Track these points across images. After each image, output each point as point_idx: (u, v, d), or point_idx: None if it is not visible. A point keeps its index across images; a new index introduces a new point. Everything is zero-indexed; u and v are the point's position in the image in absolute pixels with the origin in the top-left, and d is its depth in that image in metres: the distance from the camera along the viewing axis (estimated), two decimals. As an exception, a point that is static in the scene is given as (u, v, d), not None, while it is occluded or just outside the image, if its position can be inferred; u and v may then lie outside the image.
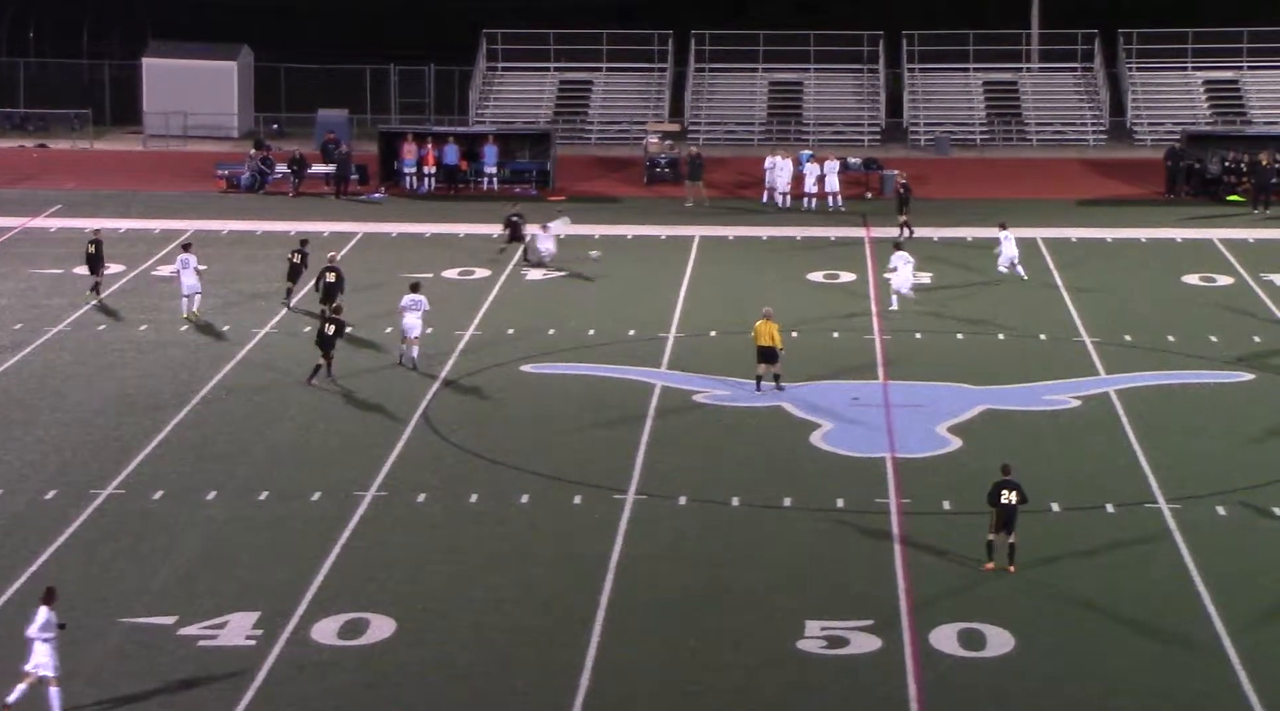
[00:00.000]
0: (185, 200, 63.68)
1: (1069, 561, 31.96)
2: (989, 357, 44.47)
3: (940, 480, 35.87)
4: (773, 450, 37.65)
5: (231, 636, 28.59)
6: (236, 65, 75.96)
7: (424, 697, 26.80)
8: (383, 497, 34.67)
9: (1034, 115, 76.18)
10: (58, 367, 43.18)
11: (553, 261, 52.74)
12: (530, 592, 30.39)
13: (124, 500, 34.55)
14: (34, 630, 25.97)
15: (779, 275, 52.48)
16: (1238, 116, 74.48)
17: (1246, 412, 40.19)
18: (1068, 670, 27.75)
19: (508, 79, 77.85)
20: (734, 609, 29.82)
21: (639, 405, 40.42)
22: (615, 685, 27.14)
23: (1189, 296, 50.71)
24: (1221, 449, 37.75)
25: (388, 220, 60.13)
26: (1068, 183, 67.41)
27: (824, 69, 77.56)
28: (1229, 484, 35.57)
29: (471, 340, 45.60)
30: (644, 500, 34.62)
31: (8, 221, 59.46)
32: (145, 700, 26.59)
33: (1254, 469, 36.39)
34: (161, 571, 31.15)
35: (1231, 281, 52.13)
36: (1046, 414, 40.21)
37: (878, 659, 28.02)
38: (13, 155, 72.72)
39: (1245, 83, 76.07)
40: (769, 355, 41.12)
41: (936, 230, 58.74)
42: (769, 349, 41.05)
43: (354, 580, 30.86)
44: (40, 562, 31.42)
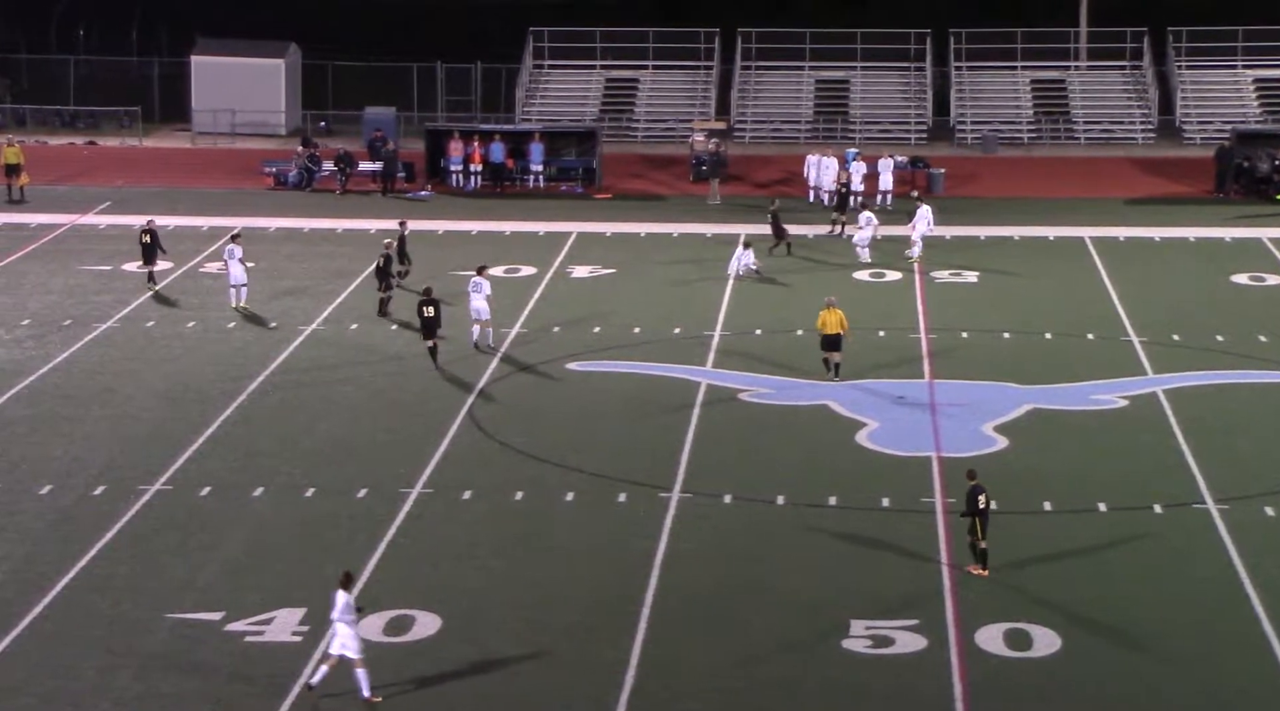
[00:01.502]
0: (232, 197, 63.92)
1: (1116, 561, 31.85)
2: (1036, 357, 44.31)
3: (986, 479, 35.65)
4: (818, 449, 37.60)
5: (277, 632, 28.69)
6: (284, 63, 76.19)
7: (469, 694, 26.85)
8: (428, 494, 34.75)
9: (1082, 113, 75.86)
10: (106, 363, 43.42)
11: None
12: (575, 590, 30.41)
13: (171, 496, 34.71)
14: (335, 613, 26.40)
15: (824, 273, 52.37)
16: (1289, 115, 74.09)
17: (1296, 412, 40.01)
18: (1114, 670, 27.65)
19: (554, 77, 77.92)
20: (778, 607, 29.79)
21: (684, 403, 40.41)
22: (660, 682, 27.14)
23: (1238, 296, 50.43)
24: (1270, 449, 37.52)
25: (434, 218, 60.23)
26: (1116, 181, 67.13)
27: (871, 67, 77.38)
28: (1278, 484, 35.36)
29: (517, 338, 45.66)
30: (689, 498, 34.61)
31: (57, 218, 59.79)
32: (191, 695, 26.71)
33: (1303, 469, 36.23)
34: (208, 567, 31.28)
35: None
36: (1094, 413, 40.05)
37: (923, 658, 27.96)
38: (62, 152, 73.11)
39: (1296, 81, 75.67)
40: (836, 343, 41.52)
41: (983, 229, 58.58)
42: (836, 336, 41.52)
43: (399, 577, 30.94)
44: (89, 558, 31.60)
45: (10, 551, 31.93)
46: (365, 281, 50.87)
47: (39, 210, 60.73)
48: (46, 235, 57.10)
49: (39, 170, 67.82)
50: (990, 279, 52.05)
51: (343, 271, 52.25)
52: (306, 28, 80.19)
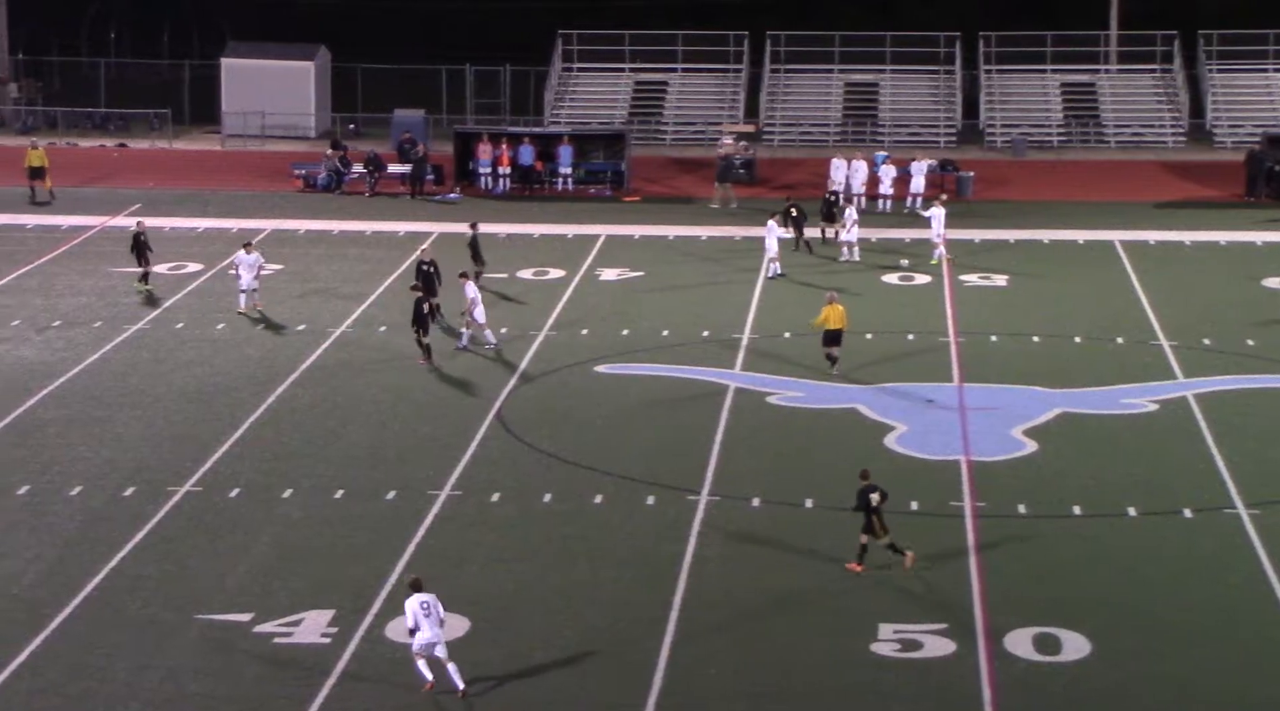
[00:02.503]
0: (262, 200, 64.09)
1: (1146, 566, 31.75)
2: (1065, 361, 44.20)
3: (1016, 483, 35.68)
4: (847, 452, 37.52)
5: (306, 634, 28.72)
6: (314, 66, 76.40)
7: (498, 697, 26.84)
8: (457, 497, 34.77)
9: (1112, 117, 75.73)
10: (137, 365, 43.54)
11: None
12: (603, 593, 30.40)
13: (201, 497, 34.78)
14: (431, 617, 26.55)
15: (853, 277, 52.32)
16: (1320, 118, 73.83)
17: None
18: (1144, 675, 27.56)
19: (583, 80, 77.99)
20: (807, 611, 29.75)
21: (712, 406, 40.39)
22: (687, 686, 27.12)
23: (1269, 300, 50.24)
24: (1301, 454, 37.42)
25: (463, 220, 60.15)
26: (1146, 185, 66.97)
27: (900, 70, 77.34)
28: (1309, 489, 35.27)
29: (546, 340, 45.68)
30: (717, 501, 34.58)
31: (88, 220, 60.00)
32: (221, 697, 26.75)
33: (1334, 474, 36.08)
34: (238, 568, 31.34)
35: (1312, 285, 51.71)
36: (1124, 417, 39.94)
37: (952, 662, 27.89)
38: (93, 154, 73.39)
39: (1328, 85, 75.43)
40: (837, 338, 42.10)
41: (1012, 232, 58.49)
42: (837, 332, 42.08)
43: (428, 579, 30.79)
44: (119, 559, 31.66)
45: (41, 552, 32.03)
46: (394, 283, 50.99)
47: (70, 212, 60.94)
48: (77, 237, 57.30)
49: (70, 172, 68.14)
50: (1020, 282, 51.96)
51: (372, 274, 52.34)
52: (336, 30, 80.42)
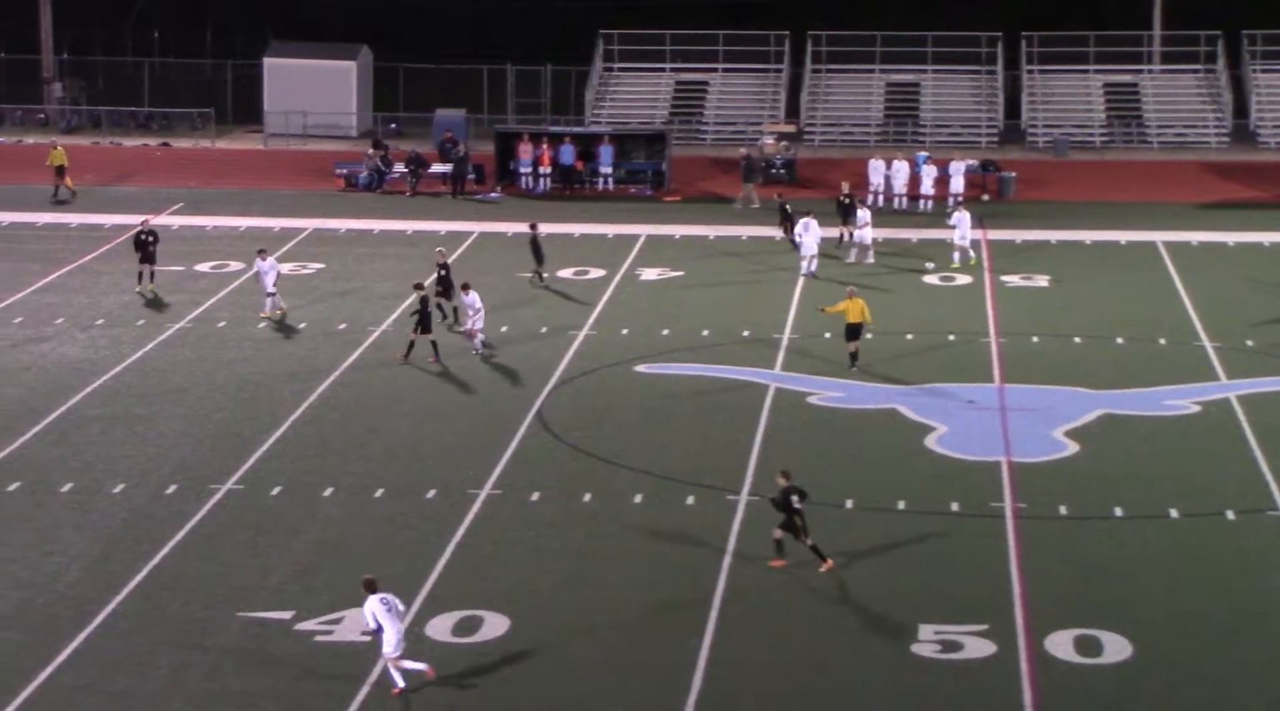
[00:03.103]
0: (304, 199, 64.27)
1: (1188, 567, 31.64)
2: (1107, 361, 44.05)
3: (1057, 485, 35.58)
4: (887, 453, 37.49)
5: (347, 632, 28.79)
6: (355, 65, 76.61)
7: (536, 695, 26.88)
8: (497, 496, 34.82)
9: (1155, 117, 75.41)
10: (179, 363, 43.71)
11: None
12: (642, 592, 30.42)
13: (243, 495, 34.91)
14: (387, 619, 26.66)
15: (894, 277, 52.24)
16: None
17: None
18: (1186, 677, 27.46)
19: (624, 79, 78.01)
20: (846, 611, 29.72)
21: (752, 406, 40.37)
22: (727, 685, 27.11)
23: None
24: (1345, 456, 37.22)
25: (504, 220, 60.38)
26: (1189, 185, 66.67)
27: (941, 70, 77.15)
28: (1353, 491, 35.09)
29: (586, 340, 45.72)
30: (757, 501, 34.55)
31: (131, 219, 60.15)
32: (262, 694, 26.85)
33: (1378, 477, 35.88)
34: (279, 566, 31.44)
35: (1357, 286, 51.43)
36: (1166, 419, 39.78)
37: (992, 664, 27.83)
38: (136, 153, 73.70)
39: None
40: (856, 332, 42.59)
41: (1054, 233, 58.31)
42: (857, 326, 42.57)
43: (468, 578, 31.02)
44: (161, 556, 31.81)
45: (84, 549, 32.20)
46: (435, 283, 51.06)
47: (113, 211, 61.20)
48: (120, 236, 57.52)
49: (114, 171, 68.49)
50: (1062, 283, 51.80)
51: (412, 273, 52.35)
52: (378, 30, 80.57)
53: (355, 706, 26.51)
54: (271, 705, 26.56)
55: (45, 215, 60.23)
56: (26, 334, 46.24)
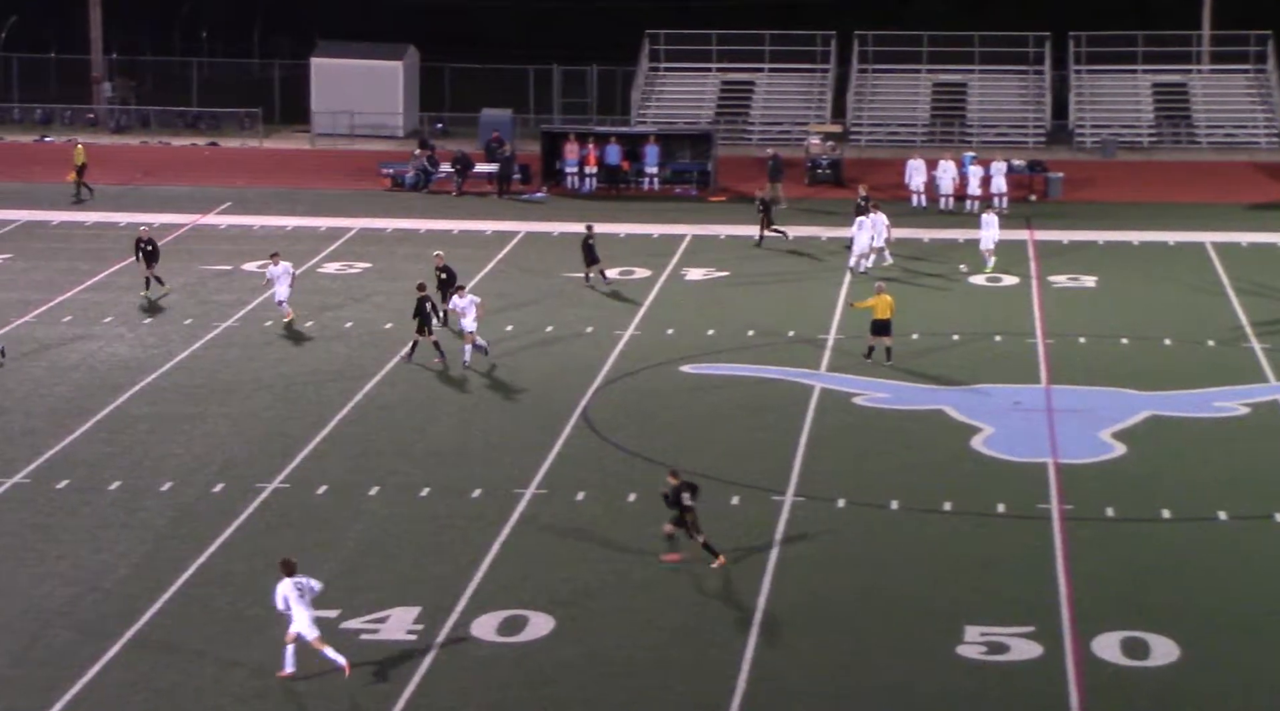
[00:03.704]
0: (350, 198, 64.48)
1: (1236, 570, 31.47)
2: (1154, 363, 43.87)
3: (1104, 486, 35.44)
4: (933, 453, 37.41)
5: (393, 631, 28.88)
6: (402, 65, 76.82)
7: (581, 695, 26.90)
8: (542, 495, 34.86)
9: (1204, 117, 75.08)
10: (226, 362, 43.89)
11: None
12: (687, 592, 30.40)
13: (289, 494, 35.02)
14: (295, 598, 27.10)
15: (940, 278, 52.13)
16: None
17: None
18: (1234, 681, 27.30)
19: (670, 79, 78.03)
20: (892, 613, 29.66)
21: (798, 407, 40.32)
22: (771, 686, 27.09)
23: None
24: (1395, 459, 36.97)
25: (550, 219, 60.47)
26: (1238, 186, 66.36)
27: (988, 70, 76.97)
28: (1403, 494, 34.84)
29: (631, 340, 45.74)
30: (802, 502, 34.52)
31: (179, 218, 60.56)
32: (307, 692, 26.94)
33: None
34: (325, 565, 31.49)
35: (1407, 288, 51.10)
36: (1215, 420, 39.59)
37: (1039, 666, 27.73)
38: (185, 153, 74.06)
39: None
40: (886, 327, 42.62)
41: (1101, 233, 58.11)
42: (886, 321, 42.58)
43: (514, 577, 31.06)
44: (208, 554, 31.95)
45: (132, 548, 32.35)
46: (480, 283, 51.19)
47: (161, 210, 61.52)
48: (168, 235, 57.80)
49: (162, 171, 68.85)
50: (1109, 284, 51.62)
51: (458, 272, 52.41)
52: (424, 30, 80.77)
53: (401, 704, 26.58)
54: (317, 703, 26.64)
55: (94, 214, 60.56)
56: (76, 332, 46.51)
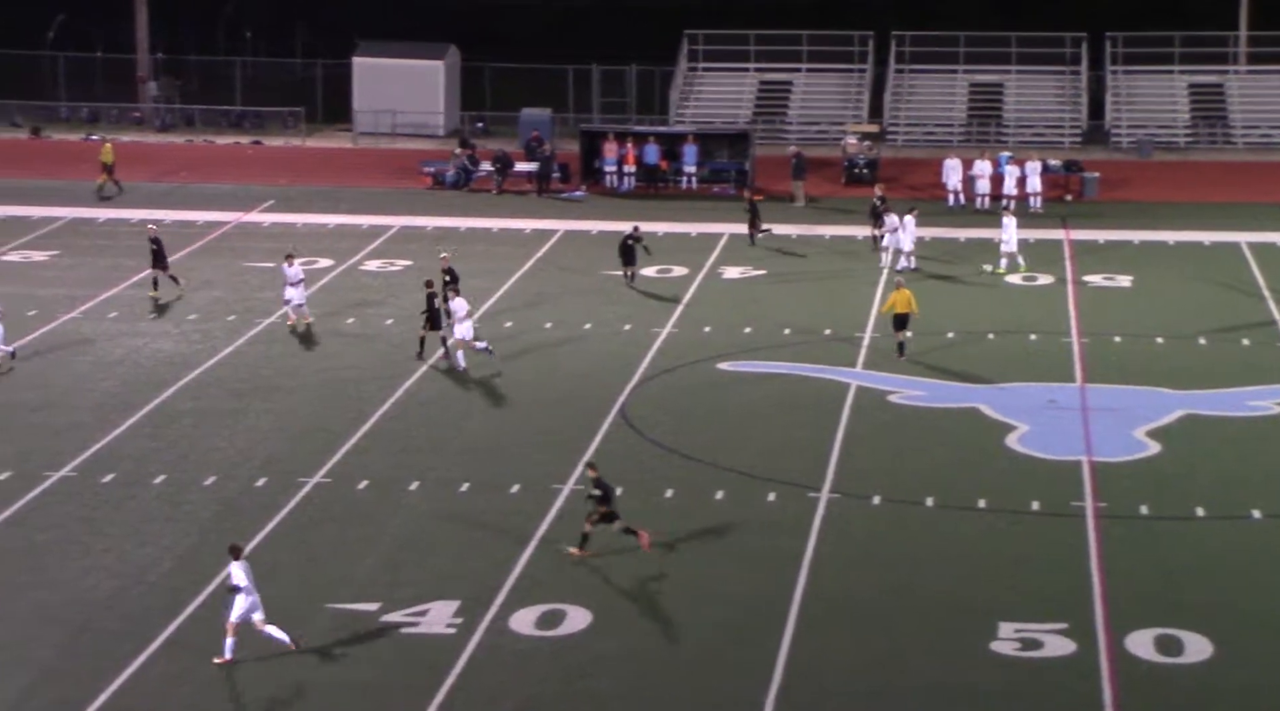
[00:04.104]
0: (392, 196, 64.66)
1: (1270, 568, 31.41)
2: (1189, 362, 43.76)
3: (1138, 484, 35.39)
4: (968, 451, 37.39)
5: (432, 624, 29.01)
6: (443, 65, 76.96)
7: (618, 689, 26.99)
8: (580, 491, 34.92)
9: (1240, 118, 74.75)
10: (269, 359, 44.09)
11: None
12: (724, 588, 30.47)
13: (330, 489, 35.17)
14: (244, 582, 27.55)
15: (975, 277, 52.05)
16: None
17: None
18: (1269, 678, 27.26)
19: (708, 79, 78.03)
20: (927, 609, 29.68)
21: (834, 404, 40.34)
22: (806, 682, 27.14)
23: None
24: None
25: (589, 218, 60.56)
26: (1274, 186, 66.06)
27: (1025, 70, 76.75)
28: None
29: (668, 338, 45.80)
30: (838, 499, 34.56)
31: (222, 216, 60.81)
32: (349, 683, 27.08)
33: None
34: (366, 559, 31.68)
35: None
36: (1249, 419, 39.48)
37: (1072, 662, 27.73)
38: (229, 151, 74.35)
39: None
40: (904, 322, 43.06)
41: (1137, 233, 57.96)
42: (905, 316, 43.04)
43: (551, 571, 31.16)
44: (251, 548, 32.06)
45: (177, 541, 32.55)
46: (519, 281, 51.37)
47: (205, 208, 61.81)
48: (212, 232, 58.11)
49: (206, 169, 69.15)
50: (1144, 283, 51.50)
51: (497, 270, 52.68)
52: (465, 30, 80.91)
53: (440, 696, 26.71)
54: (359, 695, 26.78)
55: (139, 212, 60.82)
56: (121, 328, 46.78)
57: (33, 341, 45.15)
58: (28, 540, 32.54)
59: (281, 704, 26.55)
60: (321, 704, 26.54)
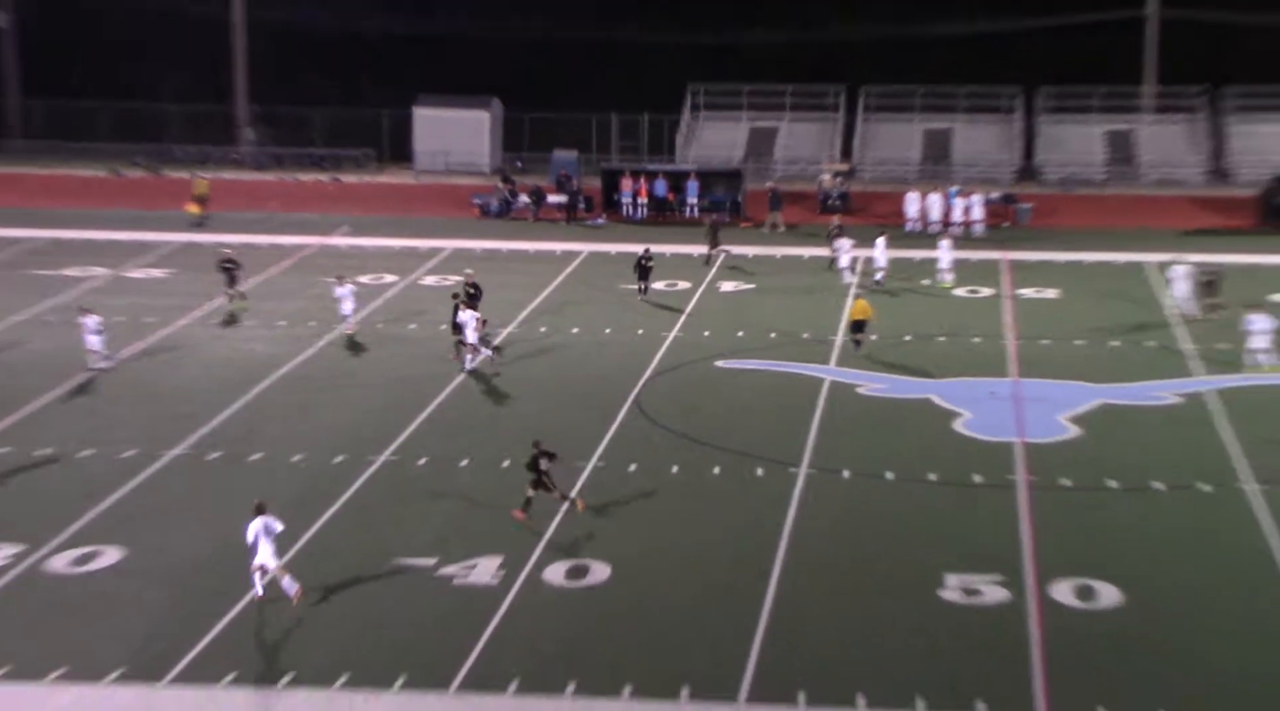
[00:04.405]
0: (446, 223, 64.72)
1: (1170, 530, 31.49)
2: (1105, 361, 43.79)
3: (1061, 461, 35.45)
4: (922, 434, 37.45)
5: (480, 576, 29.11)
6: (488, 114, 77.09)
7: (632, 632, 27.08)
8: (601, 468, 35.04)
9: (1147, 159, 74.71)
10: (344, 358, 44.18)
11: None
12: (719, 548, 30.56)
13: (396, 465, 35.29)
14: (261, 534, 27.75)
15: (927, 290, 52.09)
16: (1324, 161, 72.47)
17: (1325, 410, 39.26)
18: (1169, 619, 27.36)
19: (707, 126, 78.05)
20: (888, 564, 29.77)
21: (811, 395, 40.40)
22: (788, 627, 27.23)
23: (1276, 311, 49.35)
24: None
25: (608, 241, 60.63)
26: (1174, 215, 66.06)
27: (970, 119, 76.75)
28: (1308, 469, 34.79)
29: (675, 340, 45.88)
30: (814, 473, 34.63)
31: (307, 240, 60.93)
32: (410, 623, 27.21)
33: (1330, 457, 35.54)
34: (425, 522, 31.78)
35: (1314, 299, 50.85)
36: (1153, 408, 39.55)
37: (1006, 607, 27.82)
38: (311, 187, 74.49)
39: (1331, 131, 74.08)
40: (862, 326, 43.69)
41: (1062, 254, 57.94)
42: (863, 321, 43.68)
43: (578, 534, 31.23)
44: (330, 513, 32.25)
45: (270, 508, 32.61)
46: (552, 293, 51.44)
47: (292, 233, 61.89)
48: (298, 253, 58.24)
49: (293, 201, 69.28)
50: (1067, 295, 51.51)
51: (533, 284, 52.79)
52: (507, 86, 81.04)
53: (486, 635, 26.82)
54: (419, 633, 26.92)
55: (240, 236, 61.00)
56: (224, 333, 46.93)
57: (152, 344, 45.33)
58: (149, 506, 32.73)
59: (354, 639, 26.68)
60: (389, 640, 26.67)
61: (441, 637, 26.78)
